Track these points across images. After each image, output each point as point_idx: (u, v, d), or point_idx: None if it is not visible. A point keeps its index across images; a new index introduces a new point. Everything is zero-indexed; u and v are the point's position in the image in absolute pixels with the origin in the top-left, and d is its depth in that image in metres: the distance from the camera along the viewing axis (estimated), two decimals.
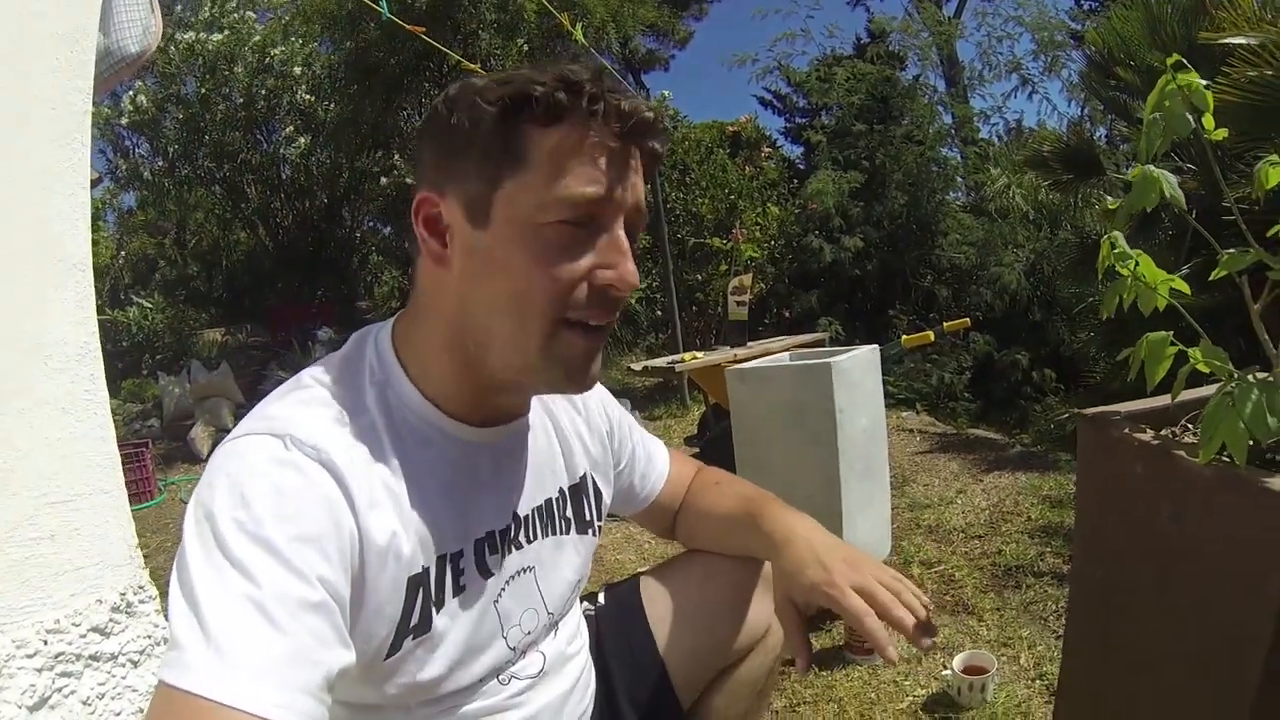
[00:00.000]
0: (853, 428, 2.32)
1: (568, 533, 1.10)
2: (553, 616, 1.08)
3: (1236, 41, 2.95)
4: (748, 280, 4.97)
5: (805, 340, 4.74)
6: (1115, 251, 1.04)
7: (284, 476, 0.79)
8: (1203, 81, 0.97)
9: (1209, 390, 1.10)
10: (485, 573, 0.97)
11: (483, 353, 0.90)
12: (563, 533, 1.09)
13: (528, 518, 1.03)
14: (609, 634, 1.26)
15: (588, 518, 1.14)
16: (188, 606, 0.72)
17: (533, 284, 0.85)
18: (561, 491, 1.10)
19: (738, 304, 4.73)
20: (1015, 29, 10.21)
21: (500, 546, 0.99)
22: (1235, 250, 1.00)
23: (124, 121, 9.77)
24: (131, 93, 9.54)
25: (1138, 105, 4.44)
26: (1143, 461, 1.05)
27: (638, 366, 4.71)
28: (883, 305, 9.08)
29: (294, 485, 0.79)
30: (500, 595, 0.99)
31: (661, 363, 4.53)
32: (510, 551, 1.00)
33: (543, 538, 1.06)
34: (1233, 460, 0.89)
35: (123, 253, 13.35)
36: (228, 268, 12.46)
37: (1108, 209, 1.12)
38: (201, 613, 0.70)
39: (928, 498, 3.68)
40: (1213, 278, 1.03)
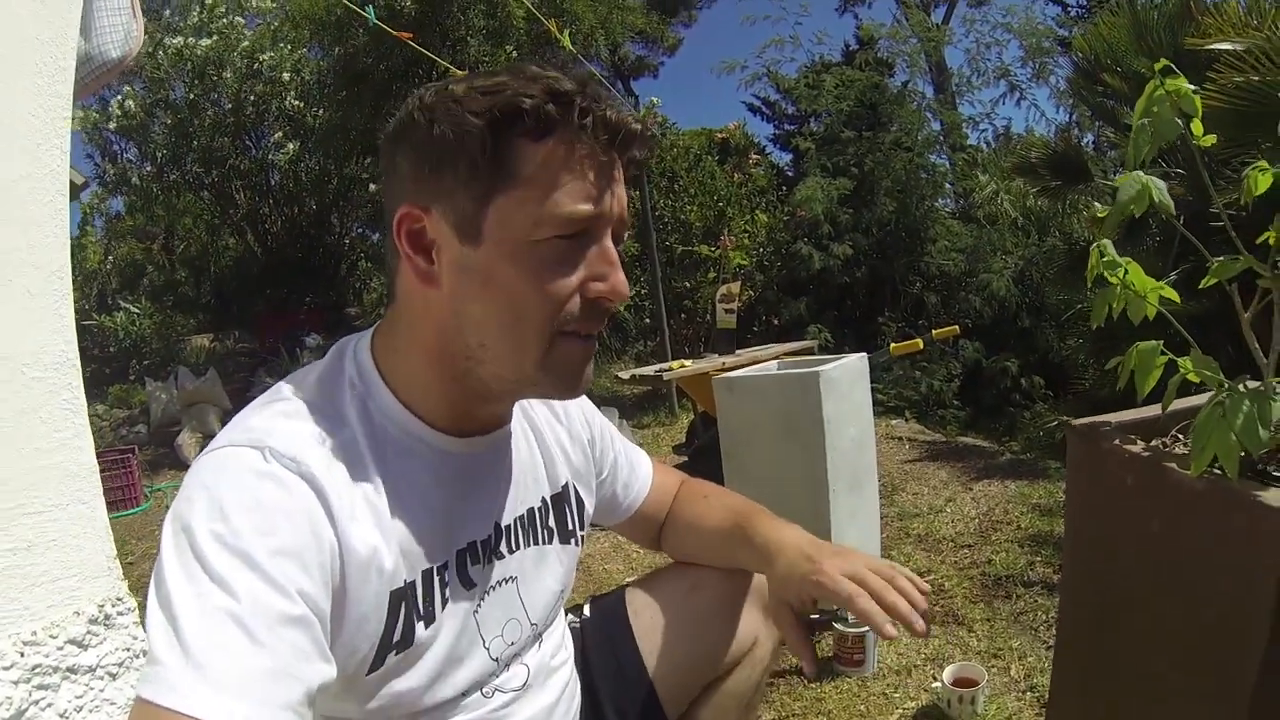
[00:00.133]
0: (841, 437, 2.31)
1: (550, 542, 1.09)
2: (536, 627, 1.07)
3: (1222, 47, 2.96)
4: (736, 288, 4.97)
5: (794, 348, 4.75)
6: (1104, 260, 1.03)
7: (263, 489, 0.78)
8: (1191, 87, 0.97)
9: (1199, 400, 1.09)
10: (467, 584, 0.96)
11: (475, 366, 0.89)
12: (545, 542, 1.08)
13: (509, 527, 1.02)
14: (594, 646, 1.25)
15: (570, 527, 1.13)
16: (166, 621, 0.71)
17: (529, 300, 0.84)
18: (544, 500, 1.09)
19: (726, 312, 4.73)
20: (1003, 35, 10.29)
21: (482, 557, 0.98)
22: (1225, 258, 0.99)
23: (112, 126, 9.74)
24: (120, 97, 9.52)
25: (1125, 111, 4.45)
26: (1133, 473, 1.04)
27: (626, 374, 4.70)
28: (872, 312, 9.12)
29: (273, 498, 0.78)
30: (480, 606, 0.98)
31: (650, 371, 4.53)
32: (492, 562, 0.99)
33: (525, 547, 1.05)
34: (1224, 472, 0.88)
35: (110, 258, 13.25)
36: (216, 273, 12.41)
37: (1096, 215, 1.11)
38: (180, 627, 0.69)
39: (917, 506, 3.67)
40: (1203, 285, 1.02)
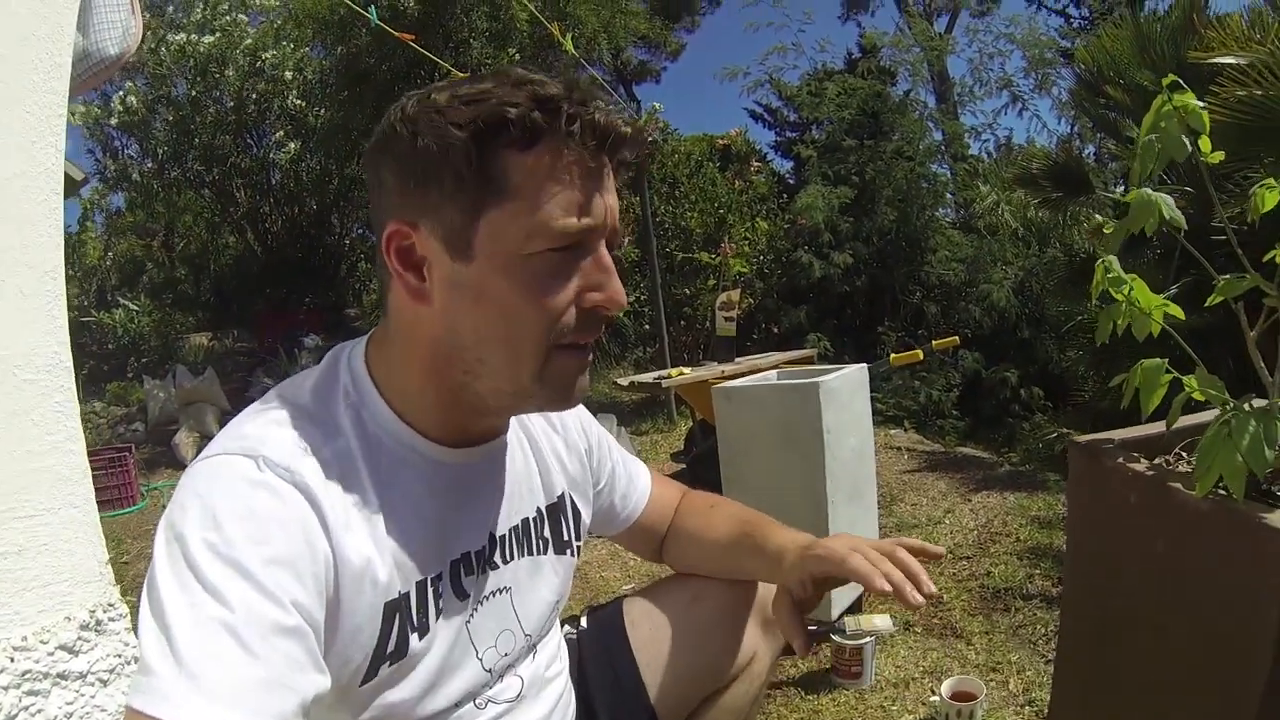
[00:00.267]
0: (841, 447, 2.30)
1: (545, 553, 1.08)
2: (530, 638, 1.06)
3: (1225, 61, 2.96)
4: (736, 295, 4.96)
5: (794, 357, 4.73)
6: (1110, 276, 1.02)
7: (256, 498, 0.78)
8: (1199, 103, 0.96)
9: (1202, 417, 1.09)
10: (461, 594, 0.95)
11: (471, 380, 0.88)
12: (540, 553, 1.07)
13: (504, 538, 1.01)
14: (591, 658, 1.24)
15: (565, 537, 1.12)
16: (158, 630, 0.70)
17: (524, 315, 0.83)
18: (539, 511, 1.08)
19: (726, 319, 4.71)
20: (1006, 46, 10.32)
21: (476, 567, 0.97)
22: (1231, 276, 0.99)
23: (113, 122, 9.73)
24: (122, 93, 9.51)
25: (1127, 123, 4.46)
26: (1137, 491, 1.04)
27: (625, 381, 4.69)
28: (871, 321, 9.12)
29: (267, 507, 0.78)
30: (473, 616, 0.97)
31: (649, 378, 4.51)
32: (486, 572, 0.99)
33: (519, 558, 1.04)
34: (1229, 493, 0.87)
35: (110, 254, 13.23)
36: (215, 272, 12.39)
37: (1096, 225, 1.11)
38: (172, 636, 0.69)
39: (915, 517, 3.65)
40: (1209, 303, 1.02)
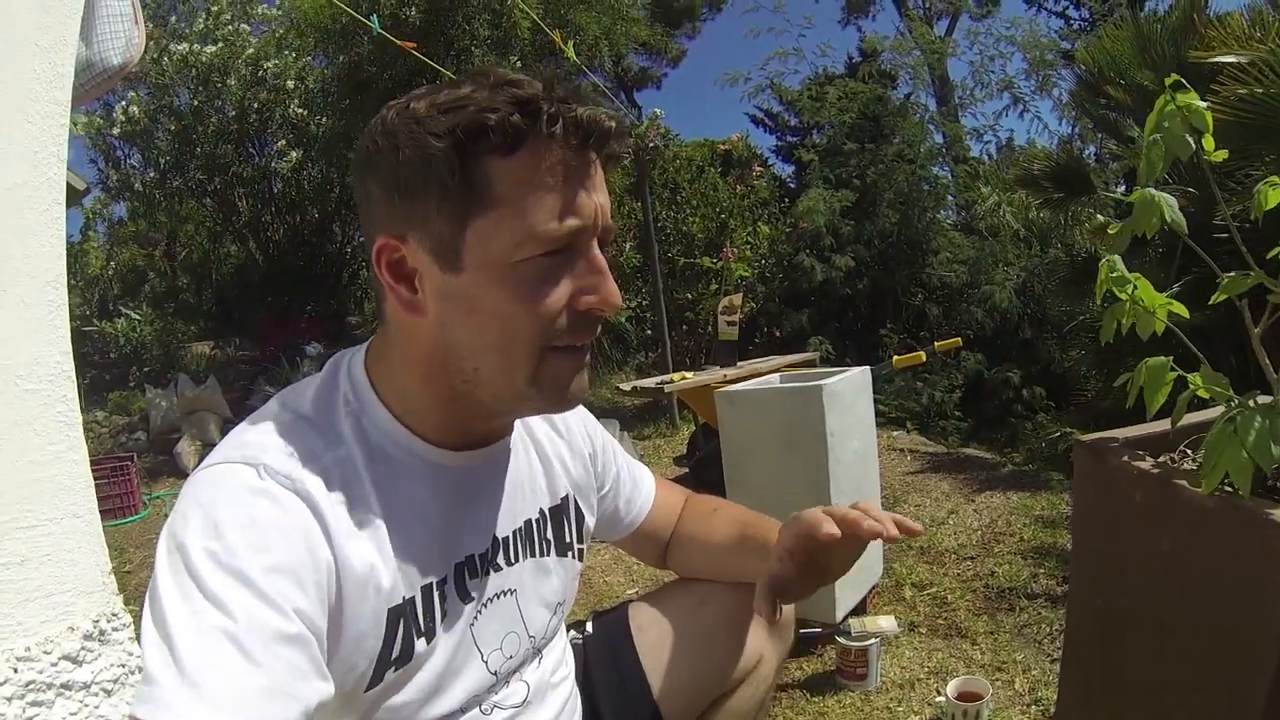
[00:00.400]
0: (844, 450, 2.29)
1: (548, 554, 1.08)
2: (534, 640, 1.06)
3: (1226, 60, 2.96)
4: (738, 300, 4.97)
5: (796, 360, 4.73)
6: (1114, 275, 1.02)
7: (258, 506, 0.78)
8: (1202, 103, 0.96)
9: (1208, 414, 1.08)
10: (465, 597, 0.95)
11: (470, 388, 0.88)
12: (543, 554, 1.07)
13: (507, 540, 1.01)
14: (597, 663, 1.24)
15: (567, 540, 1.12)
16: (160, 639, 0.70)
17: (517, 322, 0.83)
18: (542, 513, 1.08)
19: (728, 323, 4.73)
20: (1007, 48, 10.31)
21: (480, 569, 0.97)
22: (1236, 273, 0.98)
23: (116, 131, 9.71)
24: (124, 103, 9.51)
25: (1128, 123, 4.46)
26: (1142, 490, 1.03)
27: (627, 386, 4.69)
28: (873, 324, 9.10)
29: (268, 515, 0.78)
30: (477, 618, 0.97)
31: (651, 383, 4.52)
32: (490, 574, 0.98)
33: (523, 560, 1.04)
34: (1235, 490, 0.87)
35: (112, 263, 13.24)
36: (217, 281, 12.38)
37: (1098, 225, 1.11)
38: (175, 646, 0.69)
39: (919, 518, 3.63)
40: (1213, 301, 1.01)
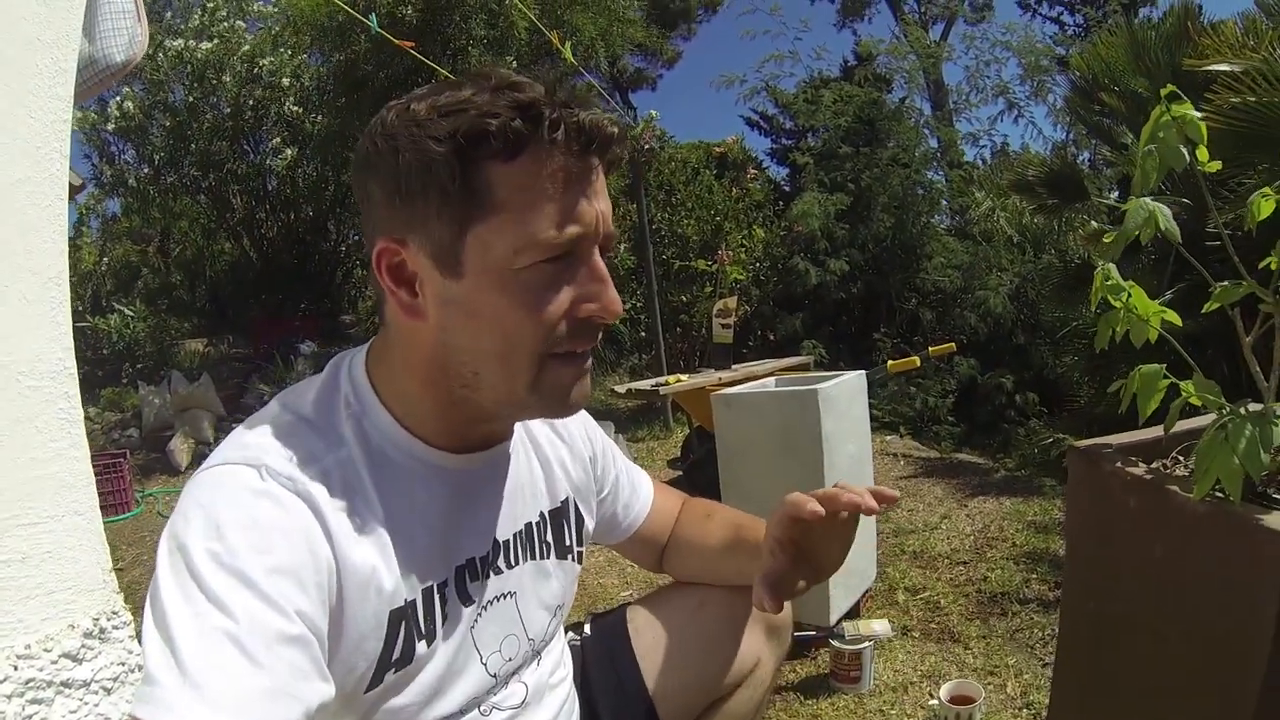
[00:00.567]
0: (839, 454, 2.30)
1: (548, 557, 1.08)
2: (534, 643, 1.06)
3: (1220, 68, 2.97)
4: (732, 303, 4.98)
5: (791, 364, 4.74)
6: (1108, 283, 1.03)
7: (259, 507, 0.78)
8: (1196, 113, 0.97)
9: (1200, 422, 1.09)
10: (466, 600, 0.95)
11: (470, 392, 0.88)
12: (543, 557, 1.07)
13: (508, 543, 1.02)
14: (594, 665, 1.24)
15: (567, 543, 1.12)
16: (162, 640, 0.70)
17: (518, 328, 0.83)
18: (542, 515, 1.08)
19: (722, 326, 4.73)
20: (1002, 53, 10.36)
21: (480, 572, 0.97)
22: (1228, 283, 1.00)
23: (110, 127, 9.68)
24: (119, 99, 9.47)
25: (1122, 130, 4.47)
26: (1135, 496, 1.04)
27: (621, 389, 4.69)
28: (867, 328, 9.12)
29: (270, 516, 0.78)
30: (477, 621, 0.97)
31: (645, 385, 4.52)
32: (490, 577, 0.99)
33: (523, 562, 1.04)
34: (1227, 496, 0.88)
35: (105, 259, 13.19)
36: (211, 278, 12.35)
37: (1092, 232, 1.12)
38: (177, 647, 0.69)
39: (912, 523, 3.66)
40: (1206, 310, 1.03)
